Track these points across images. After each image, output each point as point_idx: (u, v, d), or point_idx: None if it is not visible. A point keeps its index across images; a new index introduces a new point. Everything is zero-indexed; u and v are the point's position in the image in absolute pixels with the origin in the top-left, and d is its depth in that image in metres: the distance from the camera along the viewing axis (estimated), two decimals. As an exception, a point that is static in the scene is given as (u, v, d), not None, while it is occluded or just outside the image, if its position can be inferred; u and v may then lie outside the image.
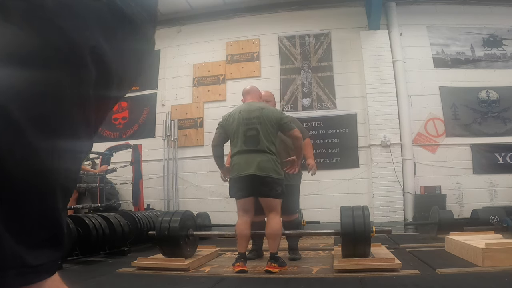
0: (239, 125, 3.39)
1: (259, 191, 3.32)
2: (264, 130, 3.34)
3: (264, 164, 3.28)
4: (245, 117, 3.40)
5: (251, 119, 3.38)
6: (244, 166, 3.32)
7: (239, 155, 3.38)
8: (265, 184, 3.29)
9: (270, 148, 3.35)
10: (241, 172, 3.33)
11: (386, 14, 7.15)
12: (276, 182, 3.32)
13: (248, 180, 3.30)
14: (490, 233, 3.98)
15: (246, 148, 3.35)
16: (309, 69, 7.29)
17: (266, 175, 3.28)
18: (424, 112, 6.84)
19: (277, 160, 3.39)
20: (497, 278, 2.78)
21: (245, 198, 3.37)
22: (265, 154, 3.31)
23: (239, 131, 3.39)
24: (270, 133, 3.36)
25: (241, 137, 3.38)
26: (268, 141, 3.34)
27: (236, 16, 7.76)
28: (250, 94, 3.69)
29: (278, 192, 3.33)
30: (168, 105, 7.70)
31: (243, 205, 3.41)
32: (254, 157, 3.31)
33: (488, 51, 7.01)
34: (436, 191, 6.28)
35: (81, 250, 3.93)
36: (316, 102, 7.15)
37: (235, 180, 3.40)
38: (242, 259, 3.26)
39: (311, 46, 7.38)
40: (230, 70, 7.59)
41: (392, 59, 6.91)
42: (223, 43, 7.70)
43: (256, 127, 3.35)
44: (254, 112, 3.40)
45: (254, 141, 3.34)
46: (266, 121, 3.36)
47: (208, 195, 7.14)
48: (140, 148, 6.81)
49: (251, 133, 3.36)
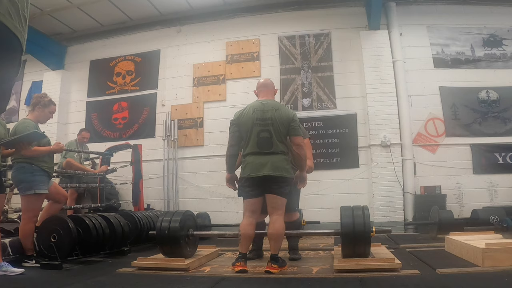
0: (253, 125, 3.39)
1: (268, 188, 3.33)
2: (277, 132, 3.35)
3: (277, 164, 3.31)
4: (259, 117, 3.39)
5: (265, 120, 3.37)
6: (258, 166, 3.32)
7: (252, 156, 3.38)
8: (276, 182, 3.31)
9: (283, 149, 3.38)
10: (254, 172, 3.33)
11: (386, 14, 7.15)
12: (287, 181, 3.36)
13: (260, 180, 3.32)
14: (490, 233, 3.98)
15: (259, 150, 3.36)
16: (309, 69, 7.29)
17: (279, 175, 3.30)
18: (424, 112, 6.83)
19: (289, 159, 3.42)
20: (497, 278, 2.79)
21: (255, 198, 3.37)
22: (278, 155, 3.34)
23: (252, 131, 3.39)
24: (282, 134, 3.38)
25: (254, 138, 3.38)
26: (281, 142, 3.37)
27: (236, 16, 7.76)
28: (266, 88, 3.65)
29: (286, 192, 3.36)
30: (168, 105, 7.70)
31: (251, 206, 3.40)
32: (267, 158, 3.32)
33: (488, 51, 7.01)
34: (436, 191, 6.27)
35: (81, 250, 3.92)
36: (316, 102, 7.15)
37: (246, 180, 3.40)
38: (243, 259, 3.27)
39: (311, 46, 7.38)
40: (230, 70, 7.59)
41: (392, 59, 6.91)
42: (223, 43, 7.70)
43: (269, 129, 3.35)
44: (268, 112, 3.39)
45: (267, 143, 3.35)
46: (279, 122, 3.36)
47: (208, 195, 7.14)
48: (140, 148, 6.81)
49: (264, 135, 3.36)
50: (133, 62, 8.18)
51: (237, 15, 7.75)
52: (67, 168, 5.94)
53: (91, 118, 8.15)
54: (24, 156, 3.77)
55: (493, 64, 6.96)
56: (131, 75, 8.12)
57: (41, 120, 4.08)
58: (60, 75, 8.31)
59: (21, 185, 3.82)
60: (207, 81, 7.65)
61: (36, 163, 3.85)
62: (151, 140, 7.64)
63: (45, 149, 3.96)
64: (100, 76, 8.30)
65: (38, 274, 3.46)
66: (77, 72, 8.44)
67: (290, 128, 3.38)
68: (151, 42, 8.07)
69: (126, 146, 6.77)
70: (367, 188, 6.67)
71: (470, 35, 7.08)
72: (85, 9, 7.62)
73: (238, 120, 3.50)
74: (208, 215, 6.54)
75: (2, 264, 3.37)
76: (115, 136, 7.90)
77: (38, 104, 4.04)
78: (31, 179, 3.80)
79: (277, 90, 3.82)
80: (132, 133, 7.84)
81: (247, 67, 7.52)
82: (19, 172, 3.82)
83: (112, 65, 8.28)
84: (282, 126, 3.36)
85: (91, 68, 8.42)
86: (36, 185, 3.82)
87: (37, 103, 4.05)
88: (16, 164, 3.84)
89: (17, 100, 8.70)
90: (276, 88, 3.79)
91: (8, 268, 3.36)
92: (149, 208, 6.94)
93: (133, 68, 8.14)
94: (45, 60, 8.28)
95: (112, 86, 8.19)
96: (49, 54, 8.27)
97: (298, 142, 3.39)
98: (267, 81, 3.75)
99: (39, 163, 3.87)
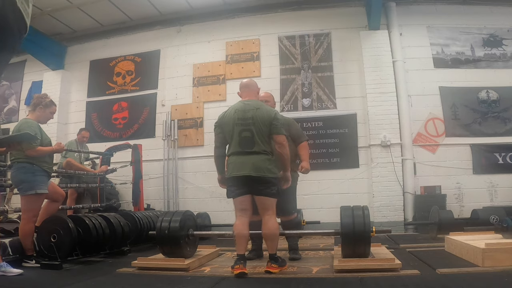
0: (234, 125, 3.38)
1: (255, 190, 3.32)
2: (259, 131, 3.33)
3: (259, 164, 3.28)
4: (240, 117, 3.38)
5: (246, 119, 3.36)
6: (239, 166, 3.32)
7: (235, 156, 3.38)
8: (260, 183, 3.29)
9: (265, 148, 3.34)
10: (235, 172, 3.33)
11: (386, 14, 7.15)
12: (271, 181, 3.32)
13: (243, 179, 3.31)
14: (490, 233, 3.98)
15: (241, 149, 3.35)
16: (309, 69, 7.29)
17: (261, 175, 3.27)
18: (424, 112, 6.83)
19: (272, 159, 3.37)
20: (497, 278, 2.79)
21: (242, 196, 3.35)
22: (260, 155, 3.31)
23: (234, 131, 3.39)
24: (264, 133, 3.35)
25: (236, 138, 3.38)
26: (263, 142, 3.33)
27: (236, 16, 7.76)
28: (248, 89, 3.62)
29: (273, 192, 3.33)
30: (168, 105, 7.70)
31: (240, 204, 3.39)
32: (249, 158, 3.30)
33: (488, 51, 7.01)
34: (436, 191, 6.27)
35: (81, 250, 3.92)
36: (316, 102, 7.15)
37: (230, 179, 3.40)
38: (241, 261, 3.21)
39: (311, 46, 7.37)
40: (230, 70, 7.59)
41: (392, 59, 6.91)
42: (223, 43, 7.70)
43: (250, 128, 3.33)
44: (249, 112, 3.38)
45: (249, 143, 3.33)
46: (260, 122, 3.34)
47: (208, 195, 7.13)
48: (140, 148, 6.81)
49: (245, 134, 3.35)
50: (133, 62, 8.18)
51: (237, 15, 7.75)
52: (67, 168, 5.94)
53: (91, 118, 8.14)
54: (27, 156, 3.77)
55: (493, 64, 6.96)
56: (131, 75, 8.11)
57: (42, 121, 4.09)
58: (60, 75, 8.31)
59: (22, 185, 3.82)
60: (207, 81, 7.65)
61: (37, 163, 3.85)
62: (151, 140, 7.64)
63: (48, 149, 3.98)
64: (100, 76, 8.30)
65: (38, 274, 3.46)
66: (77, 72, 8.44)
67: (272, 126, 3.34)
68: (151, 42, 8.06)
69: (126, 146, 6.77)
70: (367, 188, 6.67)
71: (470, 35, 7.08)
72: (85, 9, 7.62)
73: (220, 122, 3.52)
74: (208, 215, 6.53)
75: (1, 264, 3.36)
76: (115, 136, 7.90)
77: (39, 105, 4.05)
78: (32, 179, 3.80)
79: (259, 89, 3.75)
80: (132, 133, 7.84)
81: (247, 67, 7.52)
82: (20, 172, 3.81)
83: (112, 65, 8.28)
84: (263, 125, 3.33)
85: (91, 68, 8.42)
86: (37, 185, 3.82)
87: (38, 103, 4.05)
88: (16, 164, 3.84)
89: (17, 100, 8.70)
90: (259, 88, 3.73)
91: (6, 268, 3.35)
92: (149, 208, 6.94)
93: (133, 68, 8.14)
94: (45, 60, 8.28)
95: (112, 86, 8.19)
96: (49, 54, 8.27)
97: (280, 140, 3.36)
98: (249, 82, 3.71)
99: (40, 163, 3.87)
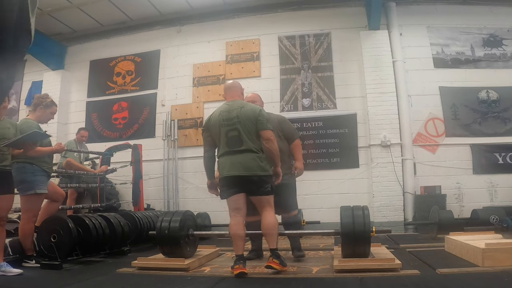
0: (220, 126, 3.39)
1: (248, 189, 3.31)
2: (245, 129, 3.32)
3: (249, 164, 3.27)
4: (225, 118, 3.39)
5: (231, 119, 3.36)
6: (229, 166, 3.32)
7: (224, 157, 3.38)
8: (252, 183, 3.28)
9: (254, 146, 3.32)
10: (226, 172, 3.34)
11: (386, 14, 7.15)
12: (263, 179, 3.30)
13: (235, 179, 3.30)
14: (490, 233, 3.98)
15: (229, 149, 3.35)
16: (309, 69, 7.29)
17: (252, 174, 3.27)
18: (424, 112, 6.83)
19: (262, 157, 3.34)
20: (497, 278, 2.78)
21: (234, 195, 3.34)
22: (249, 153, 3.30)
23: (221, 132, 3.39)
24: (251, 131, 3.33)
25: (223, 139, 3.38)
26: (251, 140, 3.32)
27: (236, 16, 7.76)
28: (231, 90, 3.61)
29: (267, 190, 3.31)
30: (168, 105, 7.70)
31: (233, 203, 3.38)
32: (238, 157, 3.30)
33: (488, 51, 7.01)
34: (436, 191, 6.27)
35: (81, 250, 3.92)
36: (316, 102, 7.15)
37: (223, 179, 3.40)
38: (240, 261, 3.20)
39: (311, 46, 7.37)
40: (230, 70, 7.59)
41: (392, 59, 6.91)
42: (223, 43, 7.70)
43: (236, 127, 3.33)
44: (233, 112, 3.38)
45: (236, 141, 3.33)
46: (246, 119, 3.33)
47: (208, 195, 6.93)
48: (140, 148, 6.81)
49: (232, 134, 3.35)
50: (133, 62, 8.18)
51: (237, 15, 7.75)
52: (67, 168, 5.94)
53: (91, 118, 8.15)
54: (28, 156, 3.78)
55: (493, 64, 6.96)
56: (131, 75, 8.12)
57: (42, 121, 4.09)
58: (60, 75, 8.31)
59: (22, 185, 3.82)
60: (207, 81, 7.65)
61: (37, 163, 3.86)
62: (151, 140, 7.64)
63: (48, 149, 3.99)
64: (100, 76, 8.30)
65: (38, 274, 3.46)
66: (77, 72, 8.44)
67: (258, 122, 3.34)
68: (151, 42, 8.06)
69: (126, 146, 6.77)
70: (367, 188, 6.67)
71: (470, 35, 7.08)
72: (85, 9, 7.62)
73: (207, 125, 3.54)
74: (208, 215, 6.53)
75: (1, 264, 3.37)
76: (115, 136, 7.90)
77: (40, 105, 4.05)
78: (32, 179, 3.81)
79: (243, 89, 3.72)
80: (132, 133, 7.84)
81: (247, 67, 7.52)
82: (20, 172, 3.81)
83: (112, 65, 8.28)
84: (249, 123, 3.33)
85: (91, 68, 8.42)
86: (37, 185, 3.82)
87: (39, 103, 4.05)
88: (16, 164, 3.83)
89: (17, 100, 8.70)
90: (243, 88, 3.71)
91: (6, 268, 3.36)
92: (149, 208, 6.94)
93: (133, 68, 8.14)
94: (45, 60, 8.28)
95: (112, 86, 8.19)
96: (49, 54, 8.27)
97: (267, 136, 3.34)
98: (232, 83, 3.71)
99: (40, 163, 3.88)
